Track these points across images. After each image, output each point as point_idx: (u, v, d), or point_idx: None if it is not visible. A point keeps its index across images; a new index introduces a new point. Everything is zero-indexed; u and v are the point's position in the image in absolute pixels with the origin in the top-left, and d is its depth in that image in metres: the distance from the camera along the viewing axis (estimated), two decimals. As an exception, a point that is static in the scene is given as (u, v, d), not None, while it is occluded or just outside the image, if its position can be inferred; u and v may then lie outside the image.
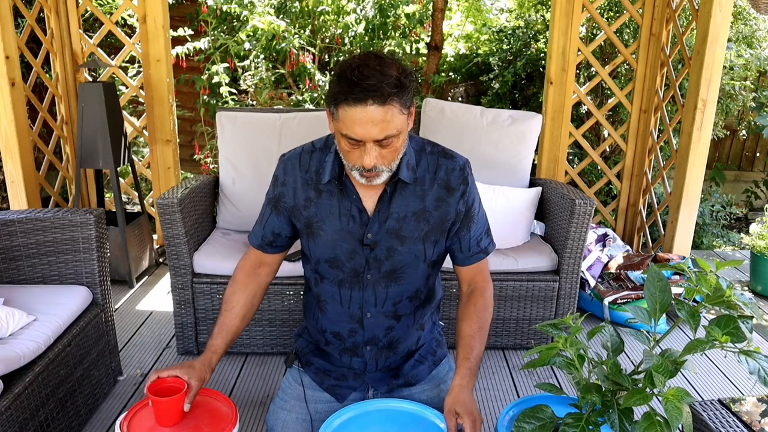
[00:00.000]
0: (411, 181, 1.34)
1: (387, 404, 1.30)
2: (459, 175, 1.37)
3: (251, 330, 2.47)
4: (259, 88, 4.28)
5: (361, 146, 1.21)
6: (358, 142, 1.20)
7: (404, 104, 1.19)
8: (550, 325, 1.17)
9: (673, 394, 0.97)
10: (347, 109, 1.16)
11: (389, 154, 1.23)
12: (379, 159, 1.22)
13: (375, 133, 1.17)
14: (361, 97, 1.14)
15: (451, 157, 1.39)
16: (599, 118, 3.47)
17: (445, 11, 4.41)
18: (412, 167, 1.35)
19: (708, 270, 1.08)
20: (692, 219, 3.05)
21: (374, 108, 1.15)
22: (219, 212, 2.76)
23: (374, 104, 1.14)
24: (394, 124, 1.18)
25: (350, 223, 1.35)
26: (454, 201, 1.37)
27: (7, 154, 2.87)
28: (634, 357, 2.55)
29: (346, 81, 1.15)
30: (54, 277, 2.11)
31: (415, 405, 1.30)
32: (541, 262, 2.53)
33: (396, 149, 1.24)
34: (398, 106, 1.18)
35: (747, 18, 4.32)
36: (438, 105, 2.91)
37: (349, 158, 1.25)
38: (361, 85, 1.14)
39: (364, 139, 1.18)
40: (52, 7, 3.24)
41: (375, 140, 1.18)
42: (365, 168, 1.23)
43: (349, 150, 1.23)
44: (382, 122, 1.16)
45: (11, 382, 1.62)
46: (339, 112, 1.18)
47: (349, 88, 1.15)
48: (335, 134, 1.26)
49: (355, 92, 1.14)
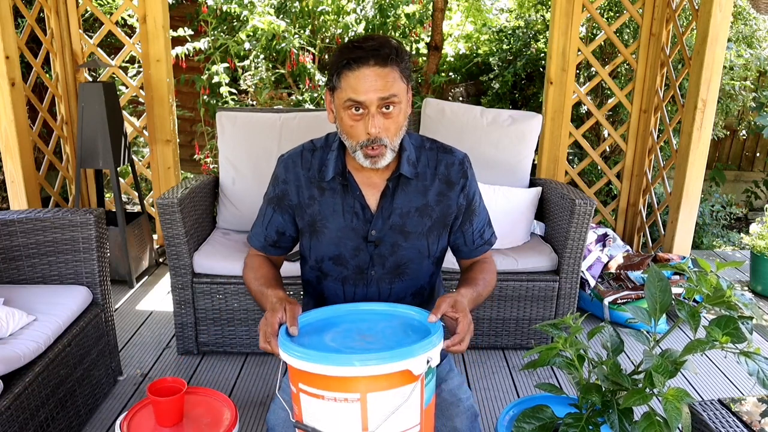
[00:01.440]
0: (412, 176, 1.35)
1: (357, 307, 1.22)
2: (459, 169, 1.39)
3: (251, 330, 2.47)
4: (259, 88, 4.28)
5: (364, 116, 1.22)
6: (362, 109, 1.21)
7: (404, 73, 1.23)
8: (550, 325, 1.17)
9: (673, 395, 0.97)
10: (349, 74, 1.20)
11: (392, 125, 1.24)
12: (383, 130, 1.23)
13: (379, 91, 1.19)
14: (363, 56, 1.19)
15: (450, 152, 1.41)
16: (599, 118, 3.47)
17: (445, 11, 4.41)
18: (413, 162, 1.36)
19: (708, 270, 1.08)
20: (692, 219, 3.05)
21: (376, 68, 1.19)
22: (219, 212, 2.76)
23: (376, 64, 1.19)
24: (396, 87, 1.21)
25: (354, 220, 1.36)
26: (454, 195, 1.39)
27: (7, 154, 2.87)
28: (634, 357, 2.55)
29: (347, 49, 1.21)
30: (54, 277, 2.11)
31: (388, 305, 1.21)
32: (541, 262, 2.53)
33: (398, 122, 1.25)
34: (398, 71, 1.22)
35: (747, 18, 4.32)
36: (438, 105, 2.91)
37: (353, 133, 1.25)
38: (363, 46, 1.19)
39: (368, 101, 1.20)
40: (52, 7, 3.24)
41: (380, 99, 1.20)
42: (370, 140, 1.23)
43: (352, 124, 1.24)
44: (385, 80, 1.19)
45: (11, 382, 1.62)
46: (341, 80, 1.22)
47: (351, 52, 1.20)
48: (337, 112, 1.27)
49: (356, 53, 1.19)
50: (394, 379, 0.99)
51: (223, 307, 2.43)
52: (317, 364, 0.97)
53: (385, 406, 0.99)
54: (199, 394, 1.52)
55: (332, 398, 0.99)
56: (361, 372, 0.96)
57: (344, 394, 0.98)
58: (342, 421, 0.99)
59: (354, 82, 1.20)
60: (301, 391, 1.02)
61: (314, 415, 1.02)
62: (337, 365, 0.97)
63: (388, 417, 0.98)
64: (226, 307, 2.43)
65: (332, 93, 1.26)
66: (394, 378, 0.98)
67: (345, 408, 0.98)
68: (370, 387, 0.98)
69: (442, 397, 1.37)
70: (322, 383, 0.99)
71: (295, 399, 1.06)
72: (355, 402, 0.98)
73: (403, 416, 1.00)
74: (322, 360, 0.97)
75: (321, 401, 1.00)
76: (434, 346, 1.02)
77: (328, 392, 0.99)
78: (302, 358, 0.99)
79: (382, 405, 0.99)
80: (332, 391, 0.98)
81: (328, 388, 0.99)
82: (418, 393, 1.01)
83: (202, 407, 1.47)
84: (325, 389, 0.99)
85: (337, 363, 0.97)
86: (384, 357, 0.97)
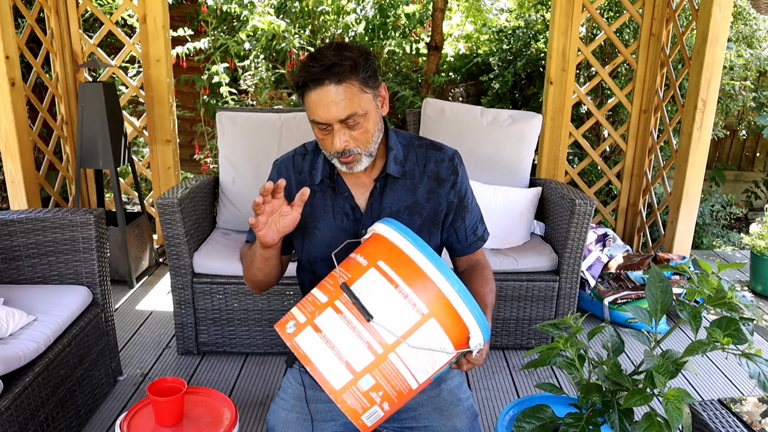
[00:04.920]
0: (399, 175, 1.35)
1: None
2: (448, 166, 1.39)
3: (251, 330, 2.47)
4: (259, 88, 4.28)
5: (330, 131, 1.23)
6: (327, 126, 1.22)
7: (365, 83, 1.21)
8: (550, 325, 1.17)
9: (674, 395, 0.97)
10: (310, 95, 1.20)
11: (360, 135, 1.24)
12: (350, 141, 1.23)
13: (337, 113, 1.19)
14: (318, 78, 1.18)
15: (439, 149, 1.40)
16: (599, 118, 3.47)
17: (445, 11, 4.41)
18: (400, 161, 1.36)
19: (710, 271, 1.08)
20: (692, 219, 3.05)
21: (332, 87, 1.18)
22: (219, 212, 2.75)
23: (331, 83, 1.18)
24: (356, 103, 1.20)
25: (344, 220, 1.36)
26: (444, 192, 1.38)
27: (7, 154, 2.87)
28: (634, 357, 2.55)
29: (305, 68, 1.20)
30: (54, 277, 2.11)
31: None
32: (541, 262, 2.53)
33: (367, 131, 1.25)
34: (358, 84, 1.20)
35: (747, 18, 4.32)
36: (438, 105, 2.91)
37: (324, 146, 1.28)
38: (317, 67, 1.18)
39: (328, 121, 1.21)
40: (52, 7, 3.24)
41: (340, 120, 1.20)
42: (339, 152, 1.24)
43: (322, 138, 1.26)
44: (343, 101, 1.19)
45: (11, 382, 1.62)
46: (305, 100, 1.22)
47: (307, 73, 1.19)
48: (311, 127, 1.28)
49: (313, 75, 1.18)
50: (456, 327, 0.99)
51: (223, 307, 2.43)
52: (425, 258, 0.99)
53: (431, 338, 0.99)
54: (199, 394, 1.52)
55: (404, 294, 0.98)
56: (449, 292, 0.97)
57: (417, 298, 0.97)
58: (393, 314, 0.98)
59: (313, 103, 1.20)
60: (374, 267, 1.01)
61: (372, 298, 0.99)
62: (440, 271, 0.98)
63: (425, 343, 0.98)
64: (226, 307, 2.43)
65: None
66: (456, 326, 0.99)
67: (405, 307, 0.97)
68: (439, 312, 0.98)
69: (442, 397, 1.37)
70: (409, 274, 0.99)
71: (356, 270, 1.04)
72: (418, 314, 0.97)
73: (422, 364, 1.00)
74: (431, 257, 0.99)
75: (392, 288, 0.98)
76: (488, 336, 1.04)
77: (405, 286, 0.98)
78: (413, 243, 1.01)
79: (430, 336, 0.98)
80: (410, 286, 0.98)
81: (409, 281, 0.98)
82: (446, 360, 1.02)
83: (202, 407, 1.47)
84: (405, 280, 0.98)
85: (441, 269, 0.98)
86: (471, 300, 0.99)
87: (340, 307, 0.99)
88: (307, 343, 0.98)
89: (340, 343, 0.96)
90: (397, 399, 1.00)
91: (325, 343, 0.97)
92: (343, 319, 0.98)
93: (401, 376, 0.98)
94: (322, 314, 0.99)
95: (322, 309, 1.00)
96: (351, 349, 0.96)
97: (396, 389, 0.99)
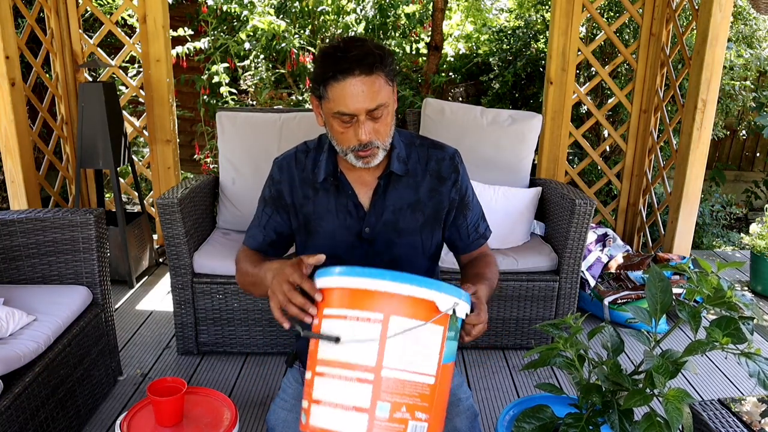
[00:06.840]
0: (402, 173, 1.36)
1: None
2: (449, 164, 1.40)
3: (251, 330, 2.47)
4: (259, 88, 4.28)
5: (354, 124, 1.22)
6: (351, 118, 1.21)
7: (388, 76, 1.22)
8: (550, 325, 1.17)
9: (674, 395, 0.97)
10: (336, 85, 1.19)
11: (382, 128, 1.24)
12: (373, 134, 1.23)
13: (367, 103, 1.19)
14: (347, 68, 1.17)
15: (440, 148, 1.42)
16: (599, 118, 3.47)
17: (445, 11, 4.41)
18: (403, 159, 1.37)
19: (709, 271, 1.08)
20: (692, 219, 3.05)
21: (362, 78, 1.18)
22: (219, 212, 2.75)
23: (361, 74, 1.17)
24: (383, 95, 1.20)
25: (347, 218, 1.36)
26: (446, 190, 1.39)
27: (7, 154, 2.87)
28: (634, 357, 2.55)
29: (331, 58, 1.19)
30: (54, 277, 2.11)
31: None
32: (541, 262, 2.53)
33: (387, 124, 1.26)
34: (384, 76, 1.21)
35: (747, 18, 4.32)
36: (438, 105, 2.91)
37: (343, 140, 1.26)
38: (347, 56, 1.17)
39: (356, 112, 1.20)
40: (52, 7, 3.24)
41: (368, 111, 1.20)
42: (361, 145, 1.23)
43: (342, 131, 1.24)
44: (372, 91, 1.19)
45: (11, 382, 1.62)
46: (328, 91, 1.21)
47: (335, 63, 1.18)
48: (326, 119, 1.27)
49: (341, 65, 1.17)
50: (419, 308, 0.97)
51: (223, 307, 2.43)
52: (349, 277, 0.98)
53: (407, 337, 0.97)
54: (199, 394, 1.52)
55: (355, 317, 0.97)
56: (391, 287, 0.95)
57: (368, 312, 0.96)
58: (357, 338, 0.97)
59: (341, 94, 1.19)
60: (324, 318, 1.01)
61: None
62: (369, 277, 0.96)
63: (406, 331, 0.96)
64: (226, 307, 2.43)
65: (319, 101, 1.26)
66: (419, 307, 0.97)
67: (363, 327, 0.96)
68: (395, 309, 0.96)
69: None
70: (349, 300, 0.98)
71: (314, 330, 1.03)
72: (377, 323, 0.96)
73: (419, 358, 0.98)
74: (354, 273, 0.98)
75: (343, 321, 0.98)
76: (462, 295, 1.01)
77: (352, 311, 0.98)
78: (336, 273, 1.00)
79: (400, 328, 0.96)
80: (356, 309, 0.97)
81: (353, 305, 0.98)
82: (439, 337, 0.99)
83: (202, 407, 1.47)
84: (350, 307, 0.98)
85: (369, 275, 0.97)
86: (415, 279, 0.96)
87: (321, 370, 1.00)
88: (318, 420, 0.98)
89: (338, 398, 0.97)
90: (424, 401, 0.98)
91: (329, 407, 0.97)
92: (328, 377, 0.98)
93: (407, 382, 0.97)
94: (313, 388, 1.00)
95: (311, 383, 1.01)
96: (348, 394, 0.96)
97: (414, 395, 0.97)
